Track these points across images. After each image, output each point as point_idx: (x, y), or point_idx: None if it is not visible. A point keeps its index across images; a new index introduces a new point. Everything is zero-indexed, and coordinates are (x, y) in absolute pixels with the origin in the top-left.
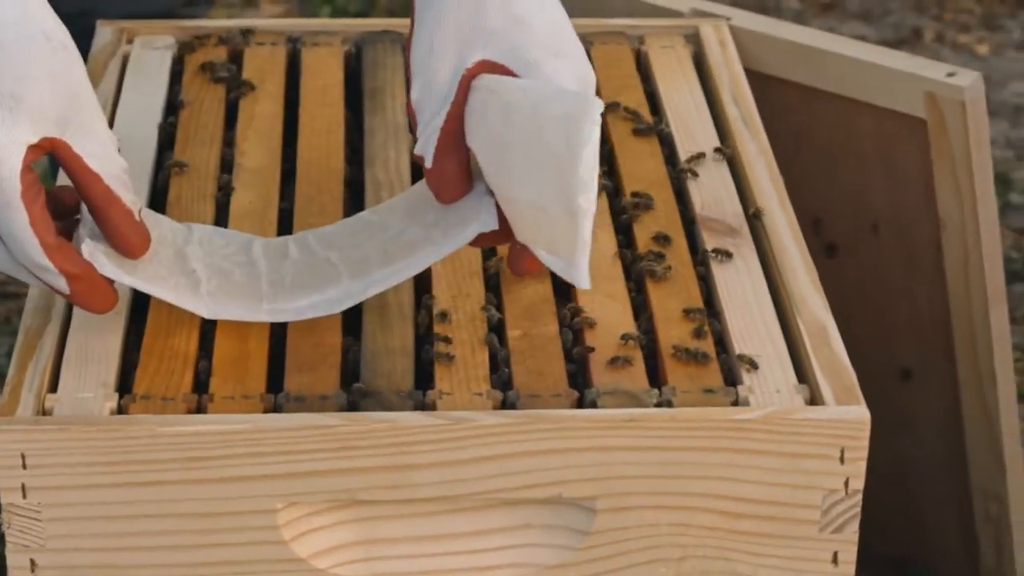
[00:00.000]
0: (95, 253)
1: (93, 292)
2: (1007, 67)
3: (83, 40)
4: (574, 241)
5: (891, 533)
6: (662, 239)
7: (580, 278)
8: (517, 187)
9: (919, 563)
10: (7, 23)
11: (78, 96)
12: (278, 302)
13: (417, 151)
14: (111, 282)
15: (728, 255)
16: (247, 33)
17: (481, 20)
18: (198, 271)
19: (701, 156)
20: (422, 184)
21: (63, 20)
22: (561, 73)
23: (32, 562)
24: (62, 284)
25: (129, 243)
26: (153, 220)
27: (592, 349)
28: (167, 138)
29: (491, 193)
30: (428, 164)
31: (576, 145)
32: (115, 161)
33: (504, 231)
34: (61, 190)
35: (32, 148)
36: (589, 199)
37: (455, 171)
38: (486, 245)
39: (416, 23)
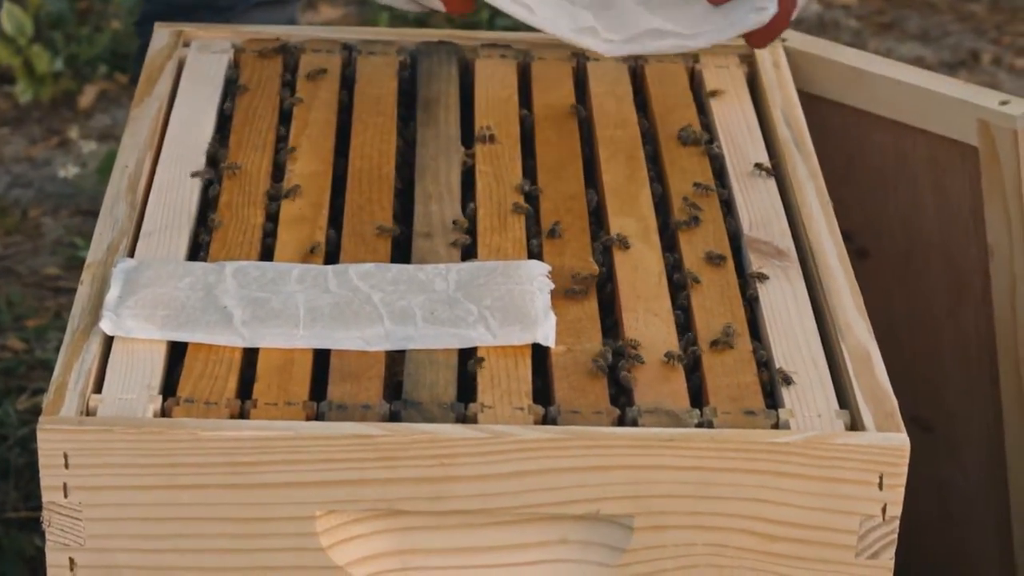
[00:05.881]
0: (122, 322)
1: (462, 3)
2: None
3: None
4: None
5: (931, 556)
6: (716, 258)
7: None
8: None
9: None
10: None
11: None
12: (315, 329)
13: None
14: None
15: (765, 277)
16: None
17: None
18: (229, 306)
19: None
20: (477, 264)
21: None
22: None
23: (71, 561)
24: (440, 5)
25: None
26: (184, 268)
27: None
28: (220, 142)
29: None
30: None
31: None
32: None
33: None
34: None
35: None
36: None
37: None
38: None
39: None
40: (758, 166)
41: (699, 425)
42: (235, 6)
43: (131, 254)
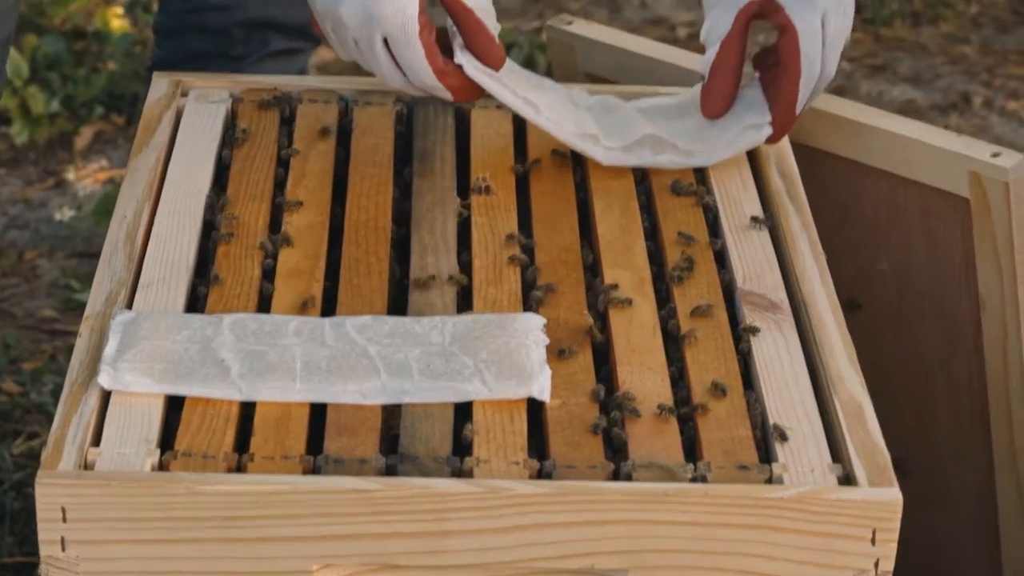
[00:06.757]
0: (120, 376)
1: (469, 93)
2: None
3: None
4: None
5: None
6: (708, 310)
7: None
8: None
9: None
10: None
11: None
12: (312, 383)
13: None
14: (476, 84)
15: (756, 331)
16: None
17: None
18: (227, 359)
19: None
20: (473, 317)
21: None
22: (829, 14)
23: None
24: (447, 95)
25: (491, 55)
26: (182, 321)
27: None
28: (218, 193)
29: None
30: (705, 79)
31: None
32: None
33: None
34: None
35: None
36: None
37: (727, 89)
38: None
39: None
40: (753, 219)
41: (693, 480)
42: (248, 55)
43: (129, 305)
